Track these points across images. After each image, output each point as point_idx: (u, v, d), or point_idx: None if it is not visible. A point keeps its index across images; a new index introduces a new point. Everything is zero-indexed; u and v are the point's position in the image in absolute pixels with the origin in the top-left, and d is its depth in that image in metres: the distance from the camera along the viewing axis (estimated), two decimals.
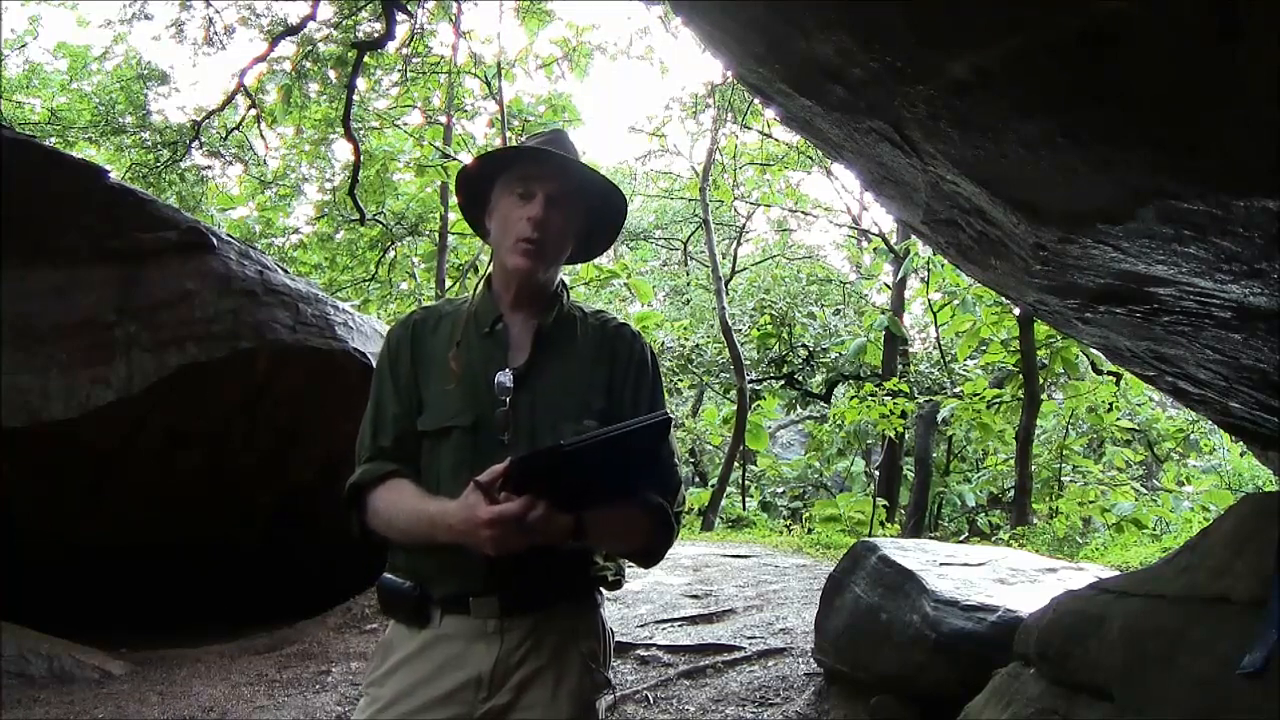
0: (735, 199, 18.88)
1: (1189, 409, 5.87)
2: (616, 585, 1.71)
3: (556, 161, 1.65)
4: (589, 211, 1.73)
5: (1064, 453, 12.85)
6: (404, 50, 13.48)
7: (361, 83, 12.97)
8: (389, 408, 1.67)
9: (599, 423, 1.58)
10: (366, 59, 11.77)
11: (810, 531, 11.59)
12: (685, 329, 18.07)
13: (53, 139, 12.86)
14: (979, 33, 1.37)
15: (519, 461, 1.39)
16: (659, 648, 4.97)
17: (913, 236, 11.29)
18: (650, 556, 1.67)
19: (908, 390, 12.88)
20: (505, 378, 1.61)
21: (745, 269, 20.37)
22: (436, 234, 16.48)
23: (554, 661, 1.60)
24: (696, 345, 17.04)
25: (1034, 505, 11.42)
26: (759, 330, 16.15)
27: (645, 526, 1.60)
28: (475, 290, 1.75)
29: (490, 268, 1.76)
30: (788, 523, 14.04)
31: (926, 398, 13.31)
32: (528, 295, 1.69)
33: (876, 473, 14.14)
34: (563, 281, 1.76)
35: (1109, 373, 12.12)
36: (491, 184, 1.71)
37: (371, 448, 1.66)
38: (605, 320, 1.74)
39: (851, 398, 13.89)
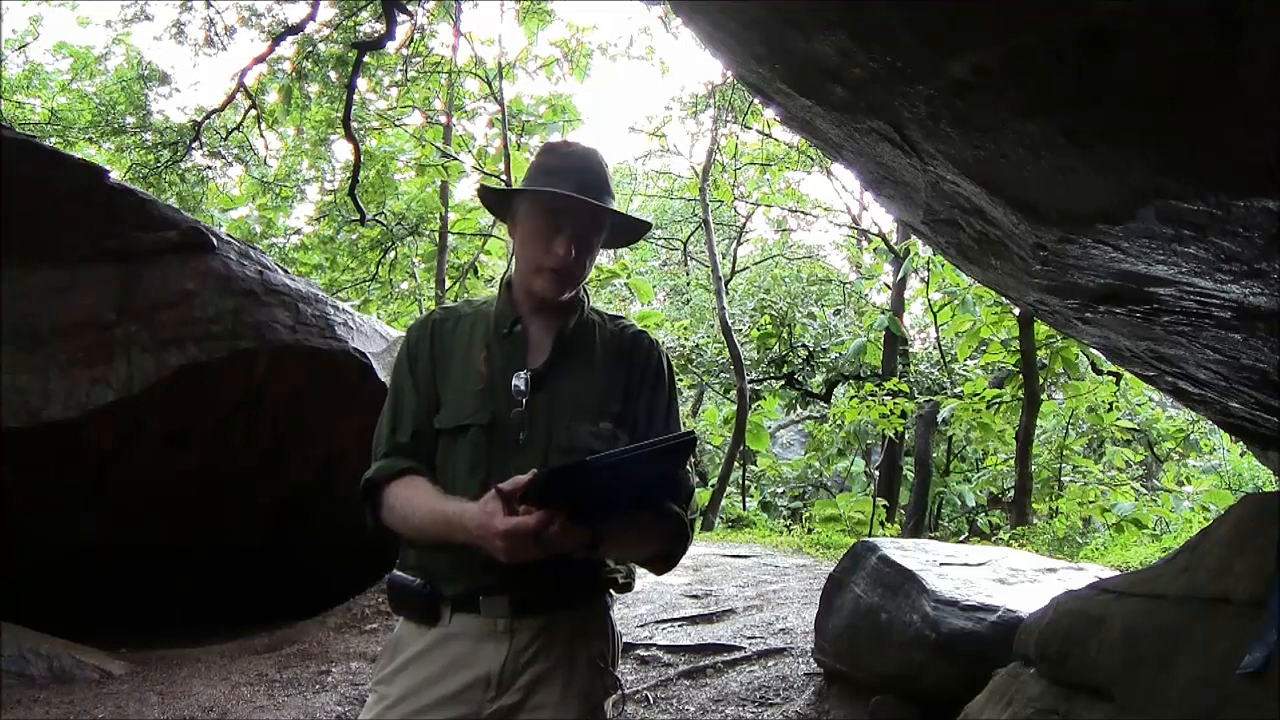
0: (735, 199, 18.87)
1: (1189, 409, 5.87)
2: (627, 588, 1.72)
3: (588, 207, 1.64)
4: (612, 231, 1.74)
5: (1064, 453, 12.85)
6: (404, 50, 13.47)
7: (362, 83, 12.96)
8: (407, 404, 1.68)
9: (614, 426, 1.59)
10: (367, 59, 11.76)
11: (810, 531, 11.59)
12: (685, 329, 18.07)
13: (53, 139, 12.85)
14: (979, 33, 1.37)
15: (544, 475, 1.38)
16: (659, 648, 4.97)
17: (913, 236, 11.29)
18: (665, 563, 1.67)
19: (908, 390, 12.90)
20: (521, 380, 1.62)
21: (745, 269, 20.37)
22: (437, 234, 16.50)
23: (563, 662, 1.60)
24: (696, 345, 17.04)
25: (1034, 505, 11.42)
26: (759, 330, 16.15)
27: (661, 534, 1.61)
28: (500, 291, 1.75)
29: (510, 270, 1.76)
30: (788, 523, 14.05)
31: (926, 398, 13.32)
32: (549, 303, 1.70)
33: (876, 473, 14.13)
34: (583, 286, 1.76)
35: (1109, 373, 12.11)
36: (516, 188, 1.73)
37: (388, 443, 1.67)
38: (624, 326, 1.75)
39: (851, 398, 13.89)
